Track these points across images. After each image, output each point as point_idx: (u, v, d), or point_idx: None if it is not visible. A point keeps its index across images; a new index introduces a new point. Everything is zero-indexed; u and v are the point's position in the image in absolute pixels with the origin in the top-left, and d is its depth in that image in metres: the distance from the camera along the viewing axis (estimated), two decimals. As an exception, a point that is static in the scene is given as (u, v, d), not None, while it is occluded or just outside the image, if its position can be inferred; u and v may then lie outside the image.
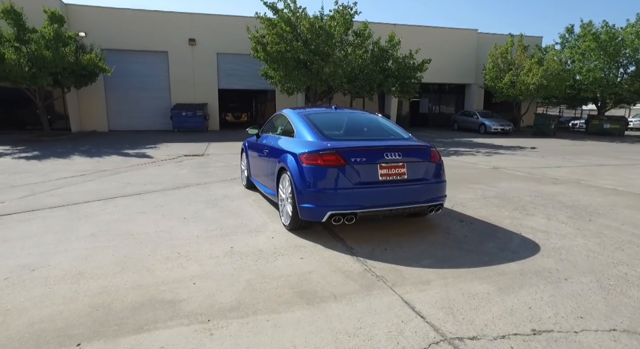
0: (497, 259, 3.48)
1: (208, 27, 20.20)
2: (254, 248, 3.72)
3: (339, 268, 3.28)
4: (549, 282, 3.01)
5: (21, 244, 3.75)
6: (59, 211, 5.01)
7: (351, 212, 3.75)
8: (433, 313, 2.54)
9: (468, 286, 2.95)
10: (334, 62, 14.96)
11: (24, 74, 13.16)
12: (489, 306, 2.63)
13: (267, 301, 2.70)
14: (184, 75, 20.55)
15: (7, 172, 8.10)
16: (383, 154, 3.88)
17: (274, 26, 14.98)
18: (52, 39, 13.87)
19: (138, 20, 19.40)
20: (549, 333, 2.31)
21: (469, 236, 4.17)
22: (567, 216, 4.91)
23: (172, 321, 2.41)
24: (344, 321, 2.44)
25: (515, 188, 6.65)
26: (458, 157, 11.04)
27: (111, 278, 3.02)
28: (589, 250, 3.71)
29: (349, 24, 15.98)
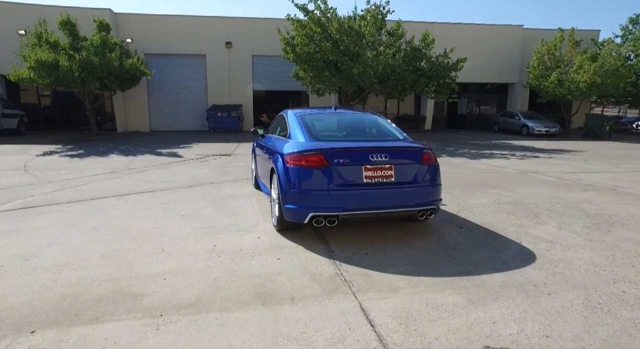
0: (482, 269, 3.28)
1: (244, 30, 20.73)
2: (236, 247, 3.77)
3: (310, 270, 3.24)
4: (528, 296, 2.79)
5: (29, 235, 4.05)
6: (75, 205, 5.36)
7: (333, 215, 3.69)
8: (386, 322, 2.44)
9: (437, 296, 2.80)
10: (363, 63, 14.79)
11: (75, 79, 14.21)
12: (449, 319, 2.48)
13: (225, 300, 2.72)
14: (220, 77, 21.24)
15: (50, 169, 8.78)
16: (368, 155, 3.78)
17: (303, 27, 15.09)
18: (99, 46, 14.87)
19: (178, 25, 20.31)
20: (504, 351, 2.14)
21: (463, 243, 3.96)
22: (582, 226, 4.52)
23: (127, 314, 2.50)
24: (290, 324, 2.40)
25: (536, 194, 6.23)
26: (487, 160, 10.53)
27: (91, 270, 3.18)
28: (591, 264, 3.39)
29: (380, 23, 15.74)
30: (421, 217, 4.02)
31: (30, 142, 14.38)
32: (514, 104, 23.98)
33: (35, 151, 12.26)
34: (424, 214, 4.00)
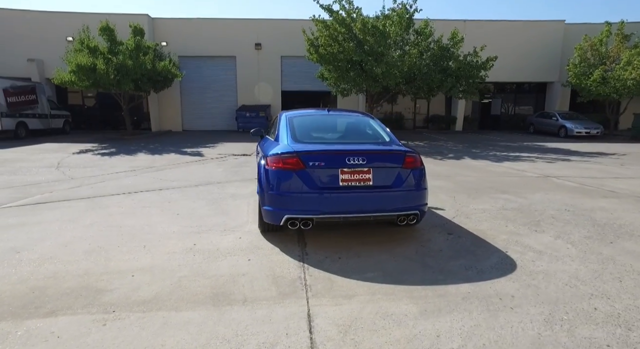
0: (452, 279, 3.15)
1: (273, 32, 21.03)
2: (214, 247, 3.85)
3: (275, 273, 3.26)
4: (488, 309, 2.65)
5: (29, 229, 4.35)
6: (84, 202, 5.69)
7: (307, 218, 3.68)
8: (326, 329, 2.41)
9: (391, 305, 2.73)
10: (387, 62, 14.57)
11: (111, 81, 15.06)
12: (392, 330, 2.41)
13: (180, 299, 2.79)
14: (250, 78, 21.68)
15: (79, 167, 9.36)
16: (345, 158, 3.74)
17: (327, 28, 15.10)
18: (133, 50, 15.65)
19: (210, 28, 20.95)
20: (434, 366, 2.06)
21: (445, 250, 3.82)
22: (583, 236, 4.22)
23: (83, 309, 2.63)
24: (231, 326, 2.43)
25: (547, 200, 5.88)
26: (510, 163, 10.05)
27: (70, 265, 3.37)
28: (574, 277, 3.17)
29: (406, 22, 15.43)
30: (401, 223, 3.93)
31: (71, 141, 15.38)
32: (552, 104, 22.71)
33: (73, 149, 13.10)
34: (405, 219, 3.89)
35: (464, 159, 10.86)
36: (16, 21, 19.66)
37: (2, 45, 19.52)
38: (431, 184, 7.17)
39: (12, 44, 19.56)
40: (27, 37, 19.53)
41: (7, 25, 19.56)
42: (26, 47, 19.50)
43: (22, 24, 19.61)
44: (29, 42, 19.51)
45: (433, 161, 10.62)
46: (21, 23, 19.62)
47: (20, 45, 19.53)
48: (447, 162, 10.26)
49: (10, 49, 19.54)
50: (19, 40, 19.55)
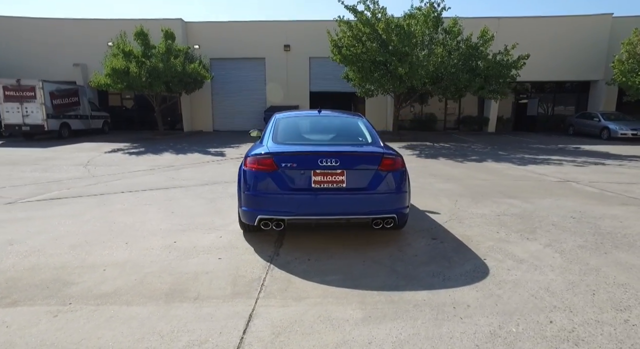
0: (414, 286, 3.06)
1: (301, 33, 21.21)
2: (192, 245, 3.97)
3: (239, 272, 3.31)
4: (435, 318, 2.56)
5: (31, 223, 4.68)
6: (93, 198, 6.03)
7: (279, 218, 3.71)
8: (261, 330, 2.43)
9: (337, 309, 2.69)
10: (411, 62, 14.28)
11: (143, 83, 15.83)
12: (327, 334, 2.38)
13: (137, 294, 2.91)
14: (278, 79, 22.01)
15: (105, 165, 9.93)
16: (317, 160, 3.72)
17: (351, 28, 15.04)
18: (164, 53, 16.36)
19: (240, 31, 21.47)
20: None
21: (420, 255, 3.72)
22: (577, 245, 3.95)
23: (44, 300, 2.80)
24: (171, 322, 2.51)
25: (556, 206, 5.55)
26: (534, 167, 9.54)
27: (52, 258, 3.60)
28: (543, 288, 2.98)
29: (432, 21, 15.06)
30: (377, 226, 3.84)
31: (107, 141, 16.31)
32: (596, 103, 21.30)
33: (106, 148, 13.90)
34: (381, 222, 3.81)
35: (485, 162, 10.45)
36: (63, 29, 21.12)
37: (52, 51, 21.03)
38: (438, 186, 7.00)
39: (60, 50, 21.03)
40: (73, 44, 20.92)
41: (56, 33, 21.05)
42: (72, 52, 20.89)
43: (69, 31, 21.04)
44: (74, 48, 20.89)
45: (452, 163, 10.31)
46: (68, 30, 21.05)
47: (67, 51, 20.96)
48: (465, 165, 9.92)
49: (59, 55, 21.01)
50: (66, 47, 20.98)
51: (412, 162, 10.26)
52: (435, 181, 7.56)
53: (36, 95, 16.14)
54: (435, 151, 13.26)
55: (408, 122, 23.27)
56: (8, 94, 16.09)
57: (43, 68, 20.66)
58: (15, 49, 21.03)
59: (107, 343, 2.27)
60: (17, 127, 16.28)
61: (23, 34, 21.06)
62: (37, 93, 16.13)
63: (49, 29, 21.13)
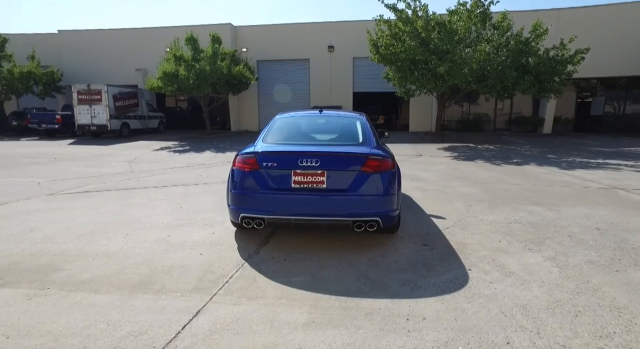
0: (377, 293, 2.93)
1: (345, 34, 21.15)
2: (183, 239, 4.13)
3: (211, 268, 3.38)
4: (381, 329, 2.43)
5: (56, 213, 5.14)
6: (118, 193, 6.49)
7: (259, 217, 3.74)
8: (200, 326, 2.46)
9: (285, 311, 2.66)
10: (452, 60, 13.65)
11: (191, 85, 16.74)
12: (260, 336, 2.36)
13: (109, 283, 3.09)
14: (322, 80, 22.14)
15: (147, 162, 10.65)
16: (297, 160, 3.70)
17: (390, 27, 14.72)
18: (210, 57, 17.17)
19: (285, 33, 21.89)
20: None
21: (401, 262, 3.55)
22: (586, 260, 3.54)
23: (28, 284, 3.07)
24: (123, 312, 2.63)
25: (584, 215, 5.01)
26: (582, 171, 8.69)
27: (57, 245, 3.93)
28: (518, 306, 2.71)
29: (477, 16, 14.28)
30: (359, 229, 3.73)
31: (159, 139, 17.45)
32: (677, 101, 18.88)
33: (155, 146, 14.88)
34: (362, 225, 3.70)
35: (526, 165, 9.71)
36: (129, 37, 22.94)
37: (118, 58, 22.93)
38: (459, 190, 6.63)
39: (125, 57, 22.86)
40: (136, 51, 22.64)
41: (122, 41, 22.93)
42: (135, 58, 22.62)
43: (133, 39, 22.81)
44: (137, 54, 22.59)
45: (488, 166, 9.71)
46: (132, 38, 22.83)
47: (131, 57, 22.72)
48: (501, 168, 9.29)
49: (124, 61, 22.86)
50: (130, 53, 22.76)
51: (443, 165, 9.82)
52: (458, 185, 7.16)
53: (102, 98, 17.72)
54: (476, 153, 12.56)
55: (455, 123, 22.30)
56: (81, 97, 17.83)
57: (110, 73, 22.59)
58: (89, 58, 23.22)
59: (57, 327, 2.44)
60: (86, 127, 17.99)
61: (95, 43, 23.19)
62: (102, 96, 17.71)
63: (116, 38, 23.07)
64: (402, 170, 8.78)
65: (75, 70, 23.05)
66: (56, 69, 22.05)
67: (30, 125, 18.69)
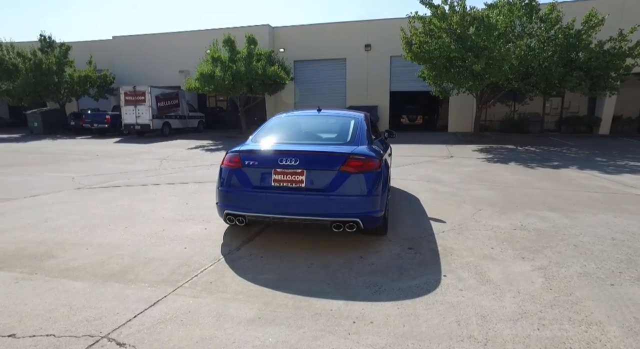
0: (336, 295, 2.88)
1: (382, 32, 20.83)
2: (175, 234, 4.29)
3: (188, 262, 3.49)
4: (320, 330, 2.38)
5: (73, 205, 5.54)
6: (137, 188, 6.87)
7: (240, 214, 3.81)
8: (149, 316, 2.55)
9: (237, 306, 2.69)
10: (489, 57, 13.01)
11: (226, 86, 17.31)
12: (201, 328, 2.41)
13: (90, 271, 3.28)
14: (358, 79, 21.98)
15: (178, 160, 11.17)
16: (277, 159, 3.72)
17: (424, 24, 14.31)
18: (245, 57, 17.65)
19: (322, 32, 21.97)
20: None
21: (376, 264, 3.46)
22: (580, 272, 3.24)
23: (21, 268, 3.34)
24: (89, 299, 2.78)
25: (602, 224, 4.60)
26: (628, 177, 7.95)
27: (62, 235, 4.24)
28: (478, 315, 2.54)
29: (520, 10, 13.49)
30: (337, 229, 3.68)
31: (197, 138, 18.21)
32: None
33: (191, 145, 15.55)
34: (341, 226, 3.65)
35: (564, 169, 9.04)
36: (173, 41, 24.15)
37: (164, 61, 24.22)
38: (474, 193, 6.31)
39: (170, 59, 24.09)
40: (180, 53, 23.77)
41: (167, 44, 24.20)
42: (179, 61, 23.75)
43: (178, 42, 23.98)
44: (181, 57, 23.71)
45: (519, 169, 9.16)
46: (177, 42, 24.01)
47: (175, 59, 23.90)
48: (532, 171, 8.73)
49: (169, 64, 24.09)
50: (174, 56, 23.94)
51: (471, 167, 9.39)
52: (477, 188, 6.83)
53: (146, 99, 18.81)
54: (512, 155, 11.88)
55: (498, 124, 21.22)
56: (127, 98, 19.05)
57: (156, 75, 23.92)
58: (138, 61, 24.74)
59: (26, 309, 2.64)
60: (132, 126, 19.19)
61: (144, 47, 24.67)
62: (146, 97, 18.80)
63: (162, 41, 24.38)
64: (425, 171, 8.57)
65: (126, 73, 24.65)
66: (109, 72, 23.70)
67: (84, 125, 20.25)
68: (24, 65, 21.11)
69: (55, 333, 2.34)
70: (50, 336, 2.30)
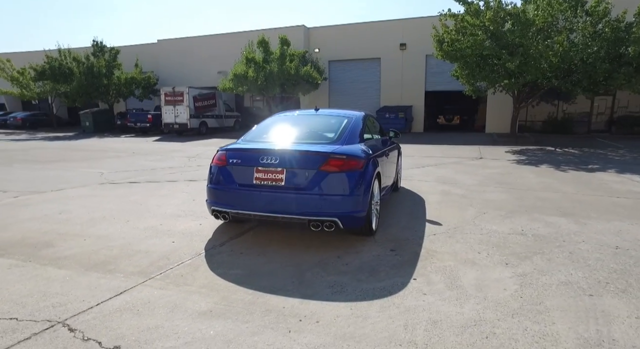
0: (296, 293, 2.89)
1: (418, 31, 20.34)
2: (169, 229, 4.48)
3: (169, 255, 3.64)
4: (263, 326, 2.41)
5: (91, 199, 5.93)
6: (156, 184, 7.23)
7: (224, 211, 3.91)
8: (110, 305, 2.70)
9: (195, 299, 2.78)
10: (525, 54, 12.33)
11: (258, 86, 17.72)
12: (153, 318, 2.51)
13: (77, 261, 3.51)
14: (393, 79, 21.66)
15: (206, 157, 11.57)
16: (259, 158, 3.79)
17: (456, 21, 13.83)
18: (278, 58, 17.96)
19: (357, 32, 21.86)
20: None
21: (350, 265, 3.42)
22: (562, 281, 3.02)
23: (18, 256, 3.62)
24: (64, 286, 2.99)
25: (612, 232, 4.24)
26: (661, 181, 7.28)
27: (68, 226, 4.57)
28: (429, 321, 2.44)
29: (561, 4, 12.68)
30: (315, 228, 3.67)
31: (231, 137, 18.69)
32: None
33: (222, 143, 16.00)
34: (319, 225, 3.64)
35: (601, 172, 8.41)
36: (212, 43, 25.07)
37: (204, 62, 25.20)
38: (485, 196, 6.05)
39: (209, 60, 25.02)
40: (218, 55, 24.62)
41: (207, 47, 25.15)
42: (218, 62, 24.60)
43: (217, 44, 24.85)
44: (219, 58, 24.56)
45: (548, 171, 8.64)
46: (216, 44, 24.89)
47: (214, 61, 24.79)
48: (563, 174, 8.20)
49: (208, 65, 25.04)
50: (214, 58, 24.84)
51: (496, 169, 8.97)
52: (492, 190, 6.53)
53: (184, 99, 19.68)
54: (547, 157, 11.21)
55: (540, 124, 20.08)
56: (167, 99, 20.04)
57: (197, 76, 24.94)
58: (180, 62, 25.92)
59: (4, 293, 2.87)
60: (171, 125, 20.16)
61: (185, 49, 25.81)
62: (184, 97, 19.66)
63: (202, 43, 25.38)
64: (445, 173, 8.32)
65: (169, 75, 25.91)
66: (153, 74, 25.02)
67: (128, 124, 21.55)
68: (78, 69, 22.81)
69: (19, 317, 2.54)
70: (12, 320, 2.50)
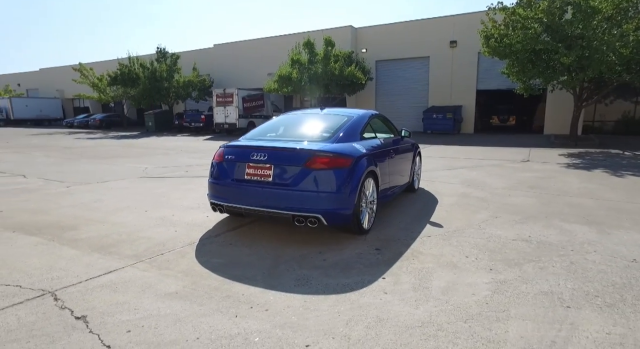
0: (260, 283, 3.00)
1: (469, 28, 19.50)
2: (179, 219, 4.80)
3: (167, 242, 3.92)
4: (216, 310, 2.54)
5: (122, 191, 6.50)
6: (182, 179, 7.72)
7: (219, 204, 4.13)
8: (97, 281, 3.00)
9: (167, 282, 2.99)
10: (587, 47, 11.34)
11: (302, 87, 18.08)
12: (123, 295, 2.76)
13: (87, 243, 3.90)
14: (442, 77, 20.96)
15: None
16: (250, 154, 3.96)
17: (506, 15, 13.07)
18: (322, 59, 18.18)
19: (404, 31, 21.43)
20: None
21: (328, 261, 3.46)
22: (544, 290, 2.82)
23: (46, 235, 4.12)
24: (66, 264, 3.35)
25: (632, 243, 3.84)
26: None
27: (96, 213, 5.07)
28: (376, 319, 2.42)
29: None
30: (299, 224, 3.75)
31: (276, 137, 19.33)
32: None
33: (267, 143, 16.58)
34: (303, 221, 3.72)
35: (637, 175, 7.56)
36: (264, 46, 25.96)
37: (254, 64, 26.21)
38: (506, 201, 5.76)
39: (261, 62, 25.96)
40: (269, 57, 25.45)
41: (257, 50, 26.12)
42: (266, 64, 25.45)
43: (267, 47, 25.71)
44: (270, 60, 25.38)
45: (601, 177, 7.92)
46: (266, 47, 25.76)
47: (265, 63, 25.67)
48: (617, 180, 7.48)
49: (258, 67, 26.00)
50: (265, 60, 25.73)
51: (537, 172, 8.40)
52: (518, 194, 6.15)
53: (234, 100, 20.64)
54: (608, 161, 10.24)
55: (611, 125, 18.28)
56: (218, 100, 21.16)
57: (247, 78, 26.00)
58: (233, 65, 27.20)
59: (21, 265, 3.31)
60: (221, 125, 21.24)
61: (239, 52, 27.01)
62: (234, 98, 20.62)
63: (254, 46, 26.39)
64: (475, 175, 7.98)
65: (223, 77, 27.28)
66: (209, 77, 26.49)
67: (184, 123, 23.04)
68: (143, 73, 24.82)
69: (23, 285, 2.92)
70: (17, 287, 2.89)
